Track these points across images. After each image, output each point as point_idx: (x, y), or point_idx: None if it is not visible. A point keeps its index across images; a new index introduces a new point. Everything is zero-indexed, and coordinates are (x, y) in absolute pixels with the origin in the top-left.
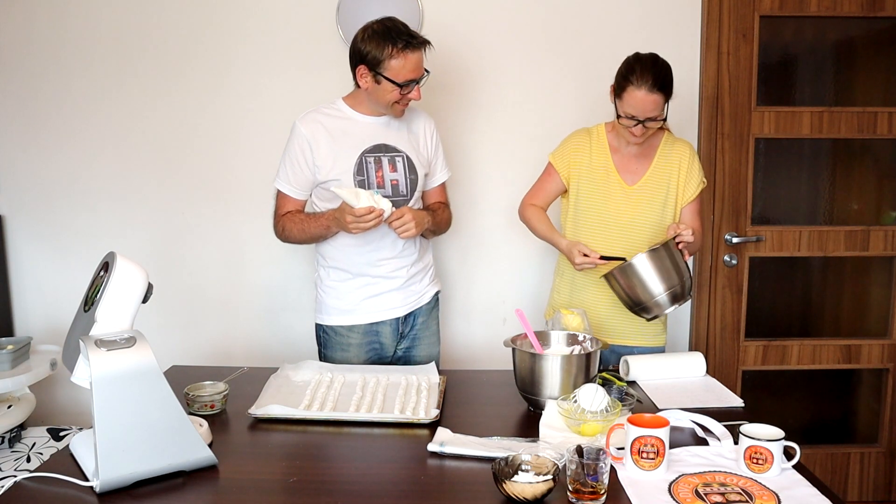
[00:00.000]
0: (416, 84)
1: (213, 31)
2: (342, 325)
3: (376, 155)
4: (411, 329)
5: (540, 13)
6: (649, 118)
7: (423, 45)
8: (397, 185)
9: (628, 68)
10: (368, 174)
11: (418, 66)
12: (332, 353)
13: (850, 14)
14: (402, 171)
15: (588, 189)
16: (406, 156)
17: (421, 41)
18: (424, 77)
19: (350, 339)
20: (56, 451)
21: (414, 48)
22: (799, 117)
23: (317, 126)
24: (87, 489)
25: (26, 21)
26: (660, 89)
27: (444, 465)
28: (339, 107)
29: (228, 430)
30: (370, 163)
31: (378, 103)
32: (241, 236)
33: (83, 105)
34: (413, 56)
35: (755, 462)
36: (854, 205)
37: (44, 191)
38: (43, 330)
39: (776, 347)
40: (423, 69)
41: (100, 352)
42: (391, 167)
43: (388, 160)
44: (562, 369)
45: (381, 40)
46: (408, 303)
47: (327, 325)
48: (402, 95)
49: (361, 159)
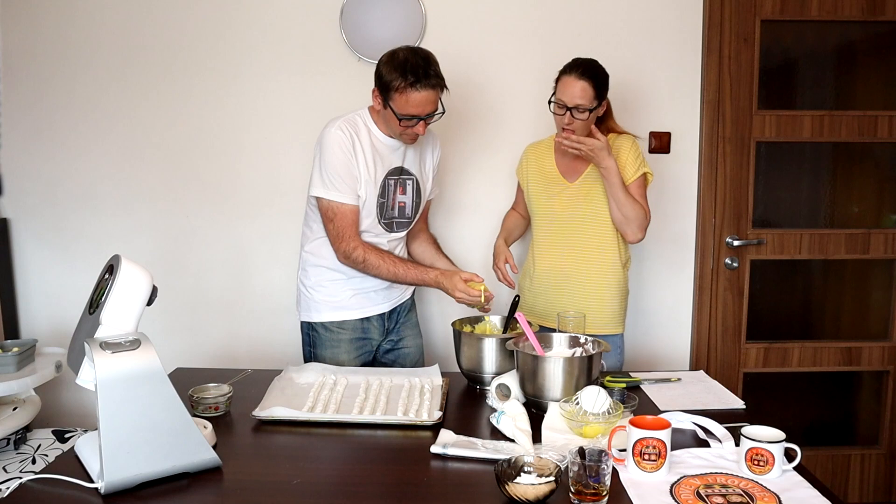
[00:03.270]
0: (420, 120)
1: (217, 37)
2: (333, 320)
3: (395, 178)
4: (395, 324)
5: (541, 17)
6: (577, 106)
7: (436, 87)
8: (404, 207)
9: (567, 63)
10: (388, 196)
11: (424, 105)
12: (322, 350)
13: (850, 18)
14: (411, 194)
15: (536, 191)
16: (416, 179)
17: (433, 83)
18: (436, 115)
19: (341, 335)
20: (61, 452)
21: (421, 87)
22: (800, 121)
23: (354, 139)
24: (92, 491)
25: (33, 26)
26: (590, 77)
27: (446, 467)
28: (366, 121)
29: (232, 431)
30: (391, 185)
31: (388, 127)
32: (245, 239)
33: (89, 109)
34: (419, 95)
35: (756, 464)
36: (854, 208)
37: (49, 194)
38: (48, 332)
39: (777, 350)
40: (434, 108)
41: (105, 354)
42: (401, 190)
43: (401, 183)
44: (564, 371)
45: (394, 70)
46: (391, 298)
47: (317, 321)
48: (404, 128)
49: (385, 182)
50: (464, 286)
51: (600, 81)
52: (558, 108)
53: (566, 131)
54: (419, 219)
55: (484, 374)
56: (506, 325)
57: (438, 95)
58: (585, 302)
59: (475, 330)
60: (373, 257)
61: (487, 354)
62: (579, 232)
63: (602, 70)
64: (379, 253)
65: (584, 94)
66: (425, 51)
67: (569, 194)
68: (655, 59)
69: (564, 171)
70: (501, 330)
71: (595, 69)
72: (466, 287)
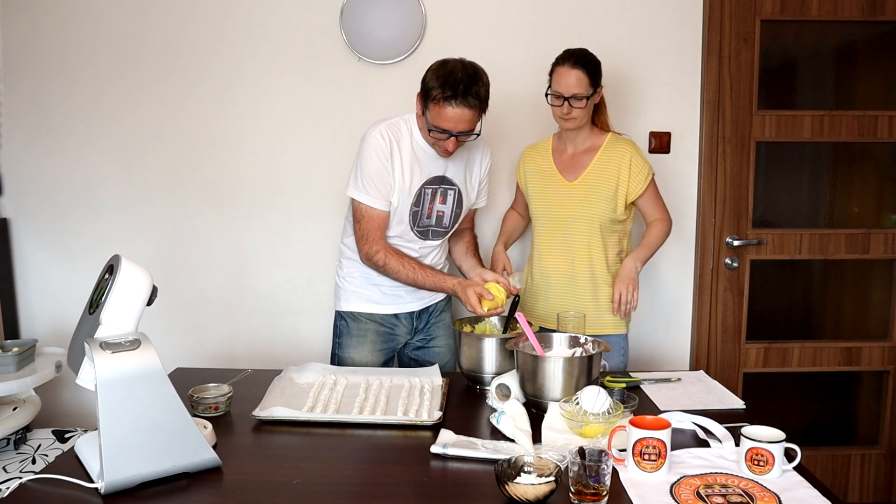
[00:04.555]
0: (450, 136)
1: (217, 37)
2: (362, 311)
3: (434, 187)
4: (426, 324)
5: (541, 17)
6: (574, 95)
7: (474, 107)
8: (443, 216)
9: (559, 55)
10: (423, 205)
11: (457, 122)
12: (348, 340)
13: (850, 18)
14: (451, 204)
15: (535, 191)
16: (458, 190)
17: (470, 103)
18: (471, 136)
19: (368, 326)
20: (61, 452)
21: (458, 104)
22: (800, 121)
23: (393, 145)
24: (92, 491)
25: (33, 26)
26: (583, 65)
27: (447, 467)
28: (410, 126)
29: (232, 431)
30: (427, 194)
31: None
32: (245, 239)
33: (88, 109)
34: (453, 110)
35: (756, 464)
36: (854, 208)
37: (49, 194)
38: (48, 332)
39: (777, 350)
40: (469, 127)
41: (105, 354)
42: (441, 199)
43: (441, 192)
44: (564, 371)
45: (437, 78)
46: (422, 298)
47: (346, 311)
48: (434, 140)
49: (421, 191)
50: (475, 301)
51: (593, 68)
52: (555, 100)
53: (566, 121)
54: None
55: (484, 374)
56: (506, 325)
57: (476, 116)
58: (588, 302)
59: (475, 330)
60: (393, 262)
61: (487, 354)
62: (580, 231)
63: (594, 57)
64: (400, 258)
65: (579, 83)
66: (477, 68)
67: (569, 193)
68: (655, 59)
69: (563, 170)
70: (501, 330)
71: (587, 57)
72: (476, 304)
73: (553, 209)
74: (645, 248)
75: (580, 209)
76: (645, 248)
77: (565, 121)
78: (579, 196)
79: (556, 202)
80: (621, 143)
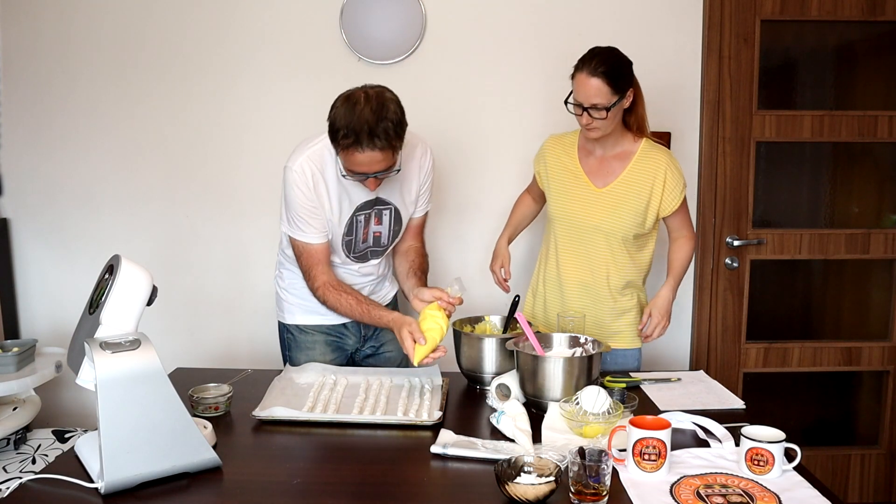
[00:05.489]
0: (368, 177)
1: (217, 37)
2: (307, 323)
3: (366, 212)
4: (375, 331)
5: (541, 17)
6: (593, 105)
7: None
8: (380, 236)
9: (582, 57)
10: (357, 233)
11: (370, 164)
12: (298, 353)
13: (850, 18)
14: (388, 223)
15: (557, 191)
16: (394, 208)
17: (380, 146)
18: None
19: (315, 337)
20: (61, 452)
21: (365, 148)
22: (800, 121)
23: (317, 176)
24: (92, 491)
25: (33, 26)
26: (603, 73)
27: (447, 467)
28: (335, 154)
29: (232, 432)
30: (360, 221)
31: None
32: (245, 239)
33: (88, 109)
34: (363, 155)
35: (756, 464)
36: (854, 208)
37: (49, 194)
38: (48, 332)
39: (777, 350)
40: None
41: (105, 354)
42: (377, 220)
43: (376, 214)
44: (564, 371)
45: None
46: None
47: (291, 323)
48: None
49: (353, 219)
50: (410, 346)
51: (617, 74)
52: (575, 108)
53: (588, 131)
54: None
55: (484, 374)
56: (506, 325)
57: (389, 154)
58: (606, 316)
59: (475, 330)
60: (332, 299)
61: (487, 354)
62: (604, 242)
63: (620, 60)
64: (338, 294)
65: (598, 93)
66: (383, 100)
67: (597, 201)
68: (655, 59)
69: (591, 174)
70: (501, 330)
71: (610, 62)
72: (410, 349)
73: (576, 216)
74: (678, 275)
75: (608, 220)
76: (677, 276)
77: (588, 130)
78: (608, 206)
79: (581, 209)
80: (657, 153)
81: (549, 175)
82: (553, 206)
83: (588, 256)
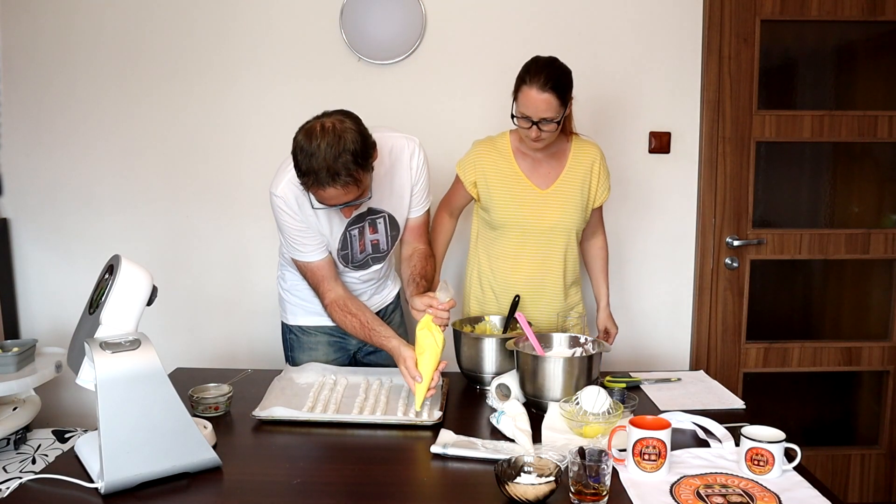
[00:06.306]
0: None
1: (217, 37)
2: (310, 325)
3: (359, 225)
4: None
5: (541, 17)
6: (543, 119)
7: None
8: (378, 243)
9: (524, 68)
10: (352, 246)
11: (338, 198)
12: (300, 353)
13: (850, 18)
14: (384, 231)
15: (500, 195)
16: (387, 215)
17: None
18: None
19: (318, 337)
20: (61, 452)
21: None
22: (800, 121)
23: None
24: (92, 491)
25: (33, 26)
26: (552, 89)
27: (446, 467)
28: None
29: (232, 432)
30: (354, 235)
31: None
32: (245, 239)
33: (88, 110)
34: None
35: (756, 464)
36: (854, 208)
37: (49, 194)
38: (48, 332)
39: (777, 350)
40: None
41: (105, 354)
42: (372, 230)
43: (370, 224)
44: (564, 371)
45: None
46: (371, 306)
47: (293, 324)
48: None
49: (346, 234)
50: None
51: (564, 87)
52: (522, 121)
53: (535, 142)
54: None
55: (484, 374)
56: (506, 325)
57: (354, 188)
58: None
59: (475, 330)
60: (338, 318)
61: (487, 354)
62: (557, 241)
63: (565, 72)
64: (344, 314)
65: (549, 107)
66: (342, 130)
67: (544, 203)
68: (655, 59)
69: (531, 176)
70: (501, 330)
71: (557, 76)
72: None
73: (527, 220)
74: (607, 279)
75: (562, 219)
76: (607, 280)
77: (534, 142)
78: (557, 206)
79: (532, 212)
80: (588, 147)
81: (488, 183)
82: (499, 214)
83: (542, 258)
